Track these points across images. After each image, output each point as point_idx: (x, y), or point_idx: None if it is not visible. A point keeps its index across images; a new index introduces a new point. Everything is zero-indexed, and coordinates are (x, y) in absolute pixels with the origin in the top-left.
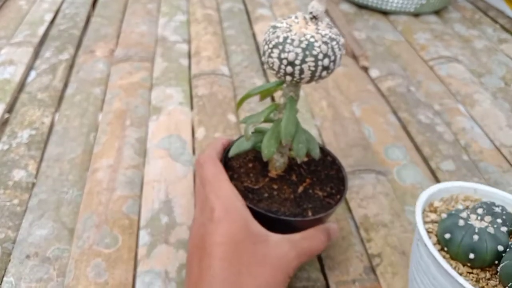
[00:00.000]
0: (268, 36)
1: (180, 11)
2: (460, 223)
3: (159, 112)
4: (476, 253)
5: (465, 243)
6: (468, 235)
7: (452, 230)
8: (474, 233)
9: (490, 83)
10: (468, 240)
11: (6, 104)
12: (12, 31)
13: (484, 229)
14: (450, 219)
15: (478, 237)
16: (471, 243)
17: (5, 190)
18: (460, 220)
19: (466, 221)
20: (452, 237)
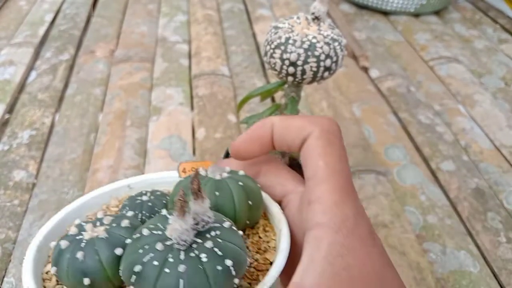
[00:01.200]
0: (270, 37)
1: (180, 12)
2: (62, 246)
3: (159, 112)
4: (90, 275)
5: (72, 268)
6: (73, 257)
7: (57, 260)
8: (79, 250)
9: (490, 83)
10: (74, 262)
11: (7, 105)
12: (13, 32)
13: (94, 238)
14: (56, 248)
15: (83, 252)
16: (78, 264)
17: (5, 190)
18: (62, 242)
19: (74, 238)
20: (59, 269)
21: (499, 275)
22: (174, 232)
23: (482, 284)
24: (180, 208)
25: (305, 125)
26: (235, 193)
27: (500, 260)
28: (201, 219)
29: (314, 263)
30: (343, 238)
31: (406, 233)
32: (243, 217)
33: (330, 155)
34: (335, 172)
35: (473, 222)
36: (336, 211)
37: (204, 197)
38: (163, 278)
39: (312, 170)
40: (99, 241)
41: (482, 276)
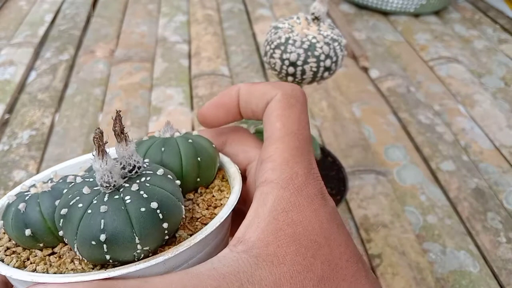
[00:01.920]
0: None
1: (180, 12)
2: (10, 200)
3: (159, 112)
4: (31, 226)
5: (15, 220)
6: (16, 209)
7: (4, 214)
8: (22, 202)
9: (490, 84)
10: (17, 214)
11: (7, 105)
12: (13, 32)
13: (39, 192)
14: (5, 203)
15: (25, 204)
16: (20, 216)
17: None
18: (10, 197)
19: (23, 193)
20: (5, 222)
21: (499, 275)
22: (97, 174)
23: (482, 284)
24: (97, 147)
25: (268, 89)
26: (182, 149)
27: (500, 260)
28: (127, 162)
29: (258, 218)
30: (289, 195)
31: (406, 233)
32: (191, 173)
33: (287, 117)
34: (290, 133)
35: (473, 222)
36: (285, 168)
37: (127, 139)
38: (85, 218)
39: (269, 131)
40: (42, 194)
41: (482, 276)
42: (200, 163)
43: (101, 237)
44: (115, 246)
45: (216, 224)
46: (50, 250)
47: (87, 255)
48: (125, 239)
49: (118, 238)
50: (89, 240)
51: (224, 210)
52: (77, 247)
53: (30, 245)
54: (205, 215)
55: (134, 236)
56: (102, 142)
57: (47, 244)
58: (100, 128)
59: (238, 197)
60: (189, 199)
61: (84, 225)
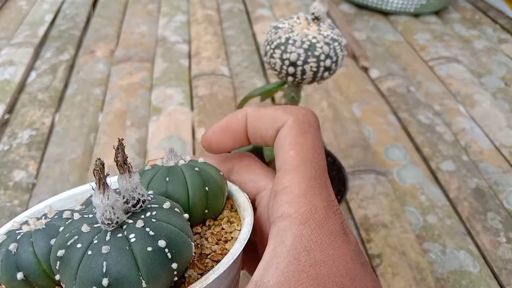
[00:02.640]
0: (270, 37)
1: (180, 12)
2: (1, 241)
3: (159, 112)
4: (24, 269)
5: (5, 262)
6: (6, 250)
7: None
8: (13, 241)
9: (490, 84)
10: (7, 256)
11: (7, 105)
12: (13, 32)
13: (32, 231)
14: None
15: (16, 244)
16: (11, 257)
17: (5, 190)
18: (0, 236)
19: (14, 232)
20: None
21: (499, 275)
22: (97, 210)
23: (482, 284)
24: (98, 180)
25: (278, 114)
26: (188, 178)
27: (500, 260)
28: (131, 196)
29: (277, 258)
30: (310, 231)
31: (406, 233)
32: (198, 204)
33: (301, 145)
34: (306, 162)
35: (473, 222)
36: (303, 201)
37: (131, 171)
38: (85, 261)
39: (282, 160)
40: (36, 232)
41: (482, 276)
42: (208, 193)
43: (103, 282)
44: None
45: (229, 262)
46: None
47: None
48: (131, 283)
49: (123, 282)
50: (90, 286)
51: (236, 246)
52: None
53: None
54: (215, 251)
55: (140, 280)
56: (103, 175)
57: (42, 287)
58: (101, 160)
59: (250, 230)
60: (197, 232)
61: (84, 269)
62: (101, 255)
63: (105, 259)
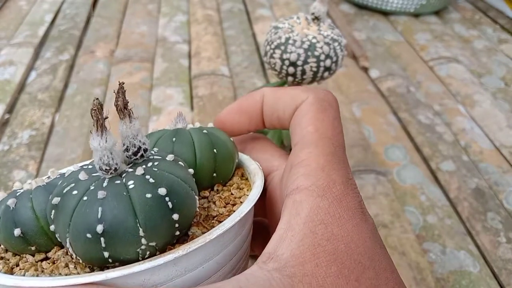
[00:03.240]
0: (270, 37)
1: (180, 12)
2: (6, 205)
3: (159, 112)
4: (21, 225)
5: (3, 218)
6: (5, 206)
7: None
8: (12, 197)
9: (490, 84)
10: (5, 212)
11: (7, 105)
12: (13, 32)
13: (32, 188)
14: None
15: (15, 200)
16: (9, 213)
17: (5, 190)
18: (0, 195)
19: (15, 191)
20: None
21: (499, 275)
22: (95, 154)
23: (482, 284)
24: (96, 121)
25: (298, 93)
26: (196, 139)
27: (500, 260)
28: (131, 143)
29: (292, 230)
30: (327, 204)
31: (406, 233)
32: (206, 166)
33: (321, 121)
34: (325, 137)
35: (473, 222)
36: (321, 174)
37: (132, 117)
38: (80, 206)
39: (299, 135)
40: (36, 189)
41: (482, 276)
42: (216, 156)
43: (97, 228)
44: (115, 239)
45: (235, 219)
46: (43, 255)
47: (82, 252)
48: (127, 230)
49: (119, 229)
50: (83, 233)
51: (244, 205)
52: (70, 243)
53: (20, 248)
54: (223, 213)
55: (137, 227)
56: (101, 115)
57: (40, 247)
58: (99, 100)
59: (260, 192)
60: (205, 196)
61: (79, 215)
62: (96, 201)
63: (101, 204)
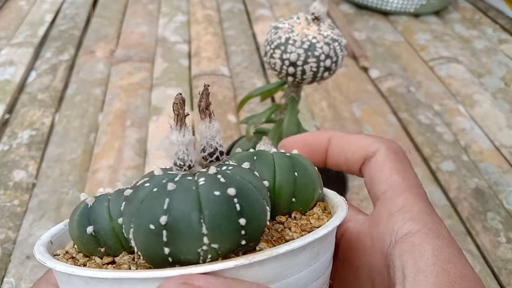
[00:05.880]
0: (270, 37)
1: (180, 12)
2: (82, 198)
3: (159, 112)
4: (94, 223)
5: (80, 215)
6: (84, 205)
7: (73, 212)
8: (92, 197)
9: (490, 84)
10: (84, 209)
11: (7, 105)
12: (13, 32)
13: (109, 193)
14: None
15: (94, 199)
16: (86, 210)
17: (5, 190)
18: (87, 198)
19: (99, 194)
20: (71, 220)
21: (499, 275)
22: (172, 148)
23: None
24: (176, 115)
25: (369, 142)
26: (277, 160)
27: (500, 260)
28: (208, 144)
29: (423, 272)
30: (446, 245)
31: None
32: (285, 188)
33: (403, 171)
34: (413, 185)
35: (473, 222)
36: (427, 218)
37: (212, 117)
38: (149, 197)
39: (385, 184)
40: (117, 191)
41: (482, 276)
42: (296, 179)
43: (161, 219)
44: (177, 233)
45: (307, 239)
46: (110, 259)
47: (143, 245)
48: (190, 225)
49: (182, 223)
50: (147, 223)
51: (321, 228)
52: (133, 234)
53: (90, 248)
54: (297, 238)
55: (201, 223)
56: (182, 110)
57: (109, 250)
58: (182, 94)
59: (342, 219)
60: (281, 222)
61: (146, 204)
62: (165, 192)
63: (169, 195)
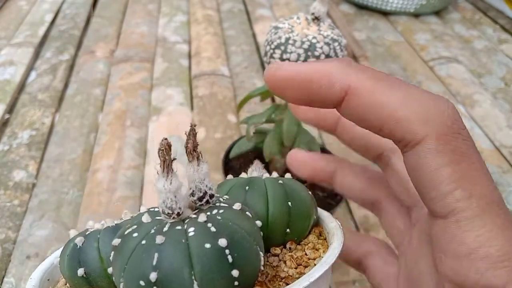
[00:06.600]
0: (270, 37)
1: (180, 12)
2: (71, 235)
3: (159, 112)
4: (85, 265)
5: (70, 256)
6: (73, 244)
7: (63, 251)
8: (82, 236)
9: (490, 84)
10: (73, 250)
11: (7, 105)
12: (13, 32)
13: (103, 228)
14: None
15: (83, 239)
16: (76, 252)
17: (5, 190)
18: (75, 236)
19: (88, 230)
20: (61, 260)
21: None
22: (159, 197)
23: None
24: (162, 162)
25: (409, 123)
26: (269, 190)
27: None
28: (197, 188)
29: None
30: None
31: None
32: (279, 220)
33: (468, 177)
34: (485, 204)
35: None
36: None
37: (200, 160)
38: (137, 250)
39: (441, 204)
40: (105, 230)
41: None
42: (290, 209)
43: (151, 276)
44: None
45: (303, 283)
46: None
47: None
48: (181, 282)
49: (172, 280)
50: (137, 279)
51: (317, 268)
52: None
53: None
54: (292, 275)
55: (192, 280)
56: (168, 156)
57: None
58: (168, 140)
59: (337, 255)
60: (275, 254)
61: (135, 259)
62: (154, 246)
63: (158, 250)
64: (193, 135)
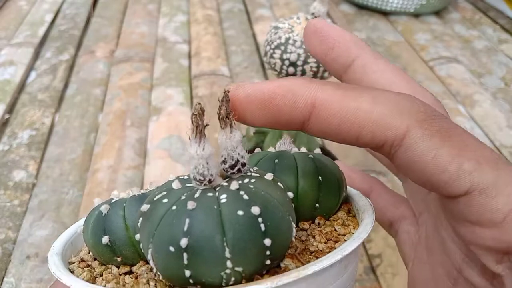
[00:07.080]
0: (270, 37)
1: (180, 12)
2: (96, 203)
3: (159, 112)
4: (110, 233)
5: (95, 224)
6: (98, 211)
7: (87, 219)
8: (107, 203)
9: (490, 84)
10: (98, 218)
11: (7, 105)
12: (13, 32)
13: (126, 199)
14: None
15: (108, 206)
16: (101, 219)
17: (5, 190)
18: (100, 204)
19: (112, 198)
20: (85, 226)
21: None
22: (191, 162)
23: None
24: (195, 127)
25: (387, 120)
26: (299, 163)
27: None
28: (229, 155)
29: None
30: None
31: None
32: (308, 193)
33: (468, 148)
34: (496, 164)
35: None
36: None
37: (233, 127)
38: (167, 216)
39: (461, 183)
40: (131, 198)
41: None
42: (320, 183)
43: (181, 242)
44: (198, 257)
45: (336, 257)
46: (127, 268)
47: (162, 267)
48: (212, 249)
49: (204, 246)
50: (166, 245)
51: (349, 242)
52: (152, 255)
53: (106, 257)
54: (322, 250)
55: (224, 247)
56: (201, 121)
57: (126, 259)
58: (202, 105)
59: (369, 231)
60: (304, 229)
61: (165, 224)
62: (185, 211)
63: (189, 215)
64: (226, 101)
